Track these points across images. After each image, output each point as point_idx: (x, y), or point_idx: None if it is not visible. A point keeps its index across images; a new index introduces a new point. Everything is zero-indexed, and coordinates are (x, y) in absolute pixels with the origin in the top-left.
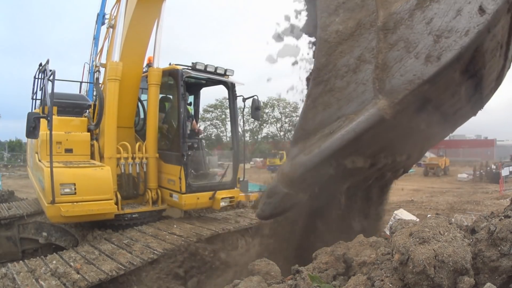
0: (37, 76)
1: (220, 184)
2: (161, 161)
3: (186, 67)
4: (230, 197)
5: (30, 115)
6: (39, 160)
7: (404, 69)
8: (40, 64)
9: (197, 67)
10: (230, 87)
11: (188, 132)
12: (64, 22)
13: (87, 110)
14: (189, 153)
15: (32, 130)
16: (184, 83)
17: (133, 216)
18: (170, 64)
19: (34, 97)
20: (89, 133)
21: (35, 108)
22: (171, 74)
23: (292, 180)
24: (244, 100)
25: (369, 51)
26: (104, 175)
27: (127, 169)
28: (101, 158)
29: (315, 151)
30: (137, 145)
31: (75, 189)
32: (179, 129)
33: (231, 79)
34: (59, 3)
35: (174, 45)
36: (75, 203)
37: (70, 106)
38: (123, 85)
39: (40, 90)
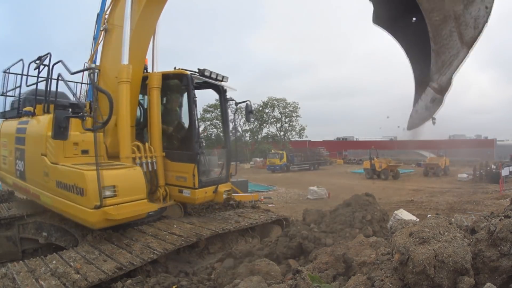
0: (25, 73)
1: (220, 179)
2: (167, 160)
3: (194, 72)
4: (228, 190)
5: (60, 114)
6: (54, 163)
7: None
8: (39, 58)
9: (205, 73)
10: (222, 91)
11: None
12: (66, 22)
13: (83, 109)
14: (202, 151)
15: (62, 130)
16: (194, 87)
17: (150, 213)
18: (175, 68)
19: (5, 94)
20: (102, 134)
21: (5, 107)
22: (180, 78)
23: None
24: (236, 104)
25: None
26: (137, 175)
27: (142, 168)
28: (109, 158)
29: None
30: (146, 145)
31: (115, 191)
32: (193, 130)
33: (224, 84)
34: (63, 3)
35: (178, 46)
36: (118, 206)
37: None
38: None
39: (44, 88)
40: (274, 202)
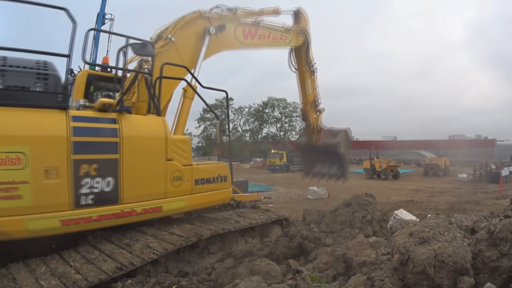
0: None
1: None
2: None
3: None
4: None
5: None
6: (188, 165)
7: None
8: (145, 44)
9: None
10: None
11: None
12: (67, 21)
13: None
14: None
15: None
16: None
17: None
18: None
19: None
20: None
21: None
22: None
23: None
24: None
25: None
26: None
27: None
28: None
29: None
30: None
31: None
32: None
33: None
34: (64, 2)
35: None
36: None
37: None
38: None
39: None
40: (274, 202)
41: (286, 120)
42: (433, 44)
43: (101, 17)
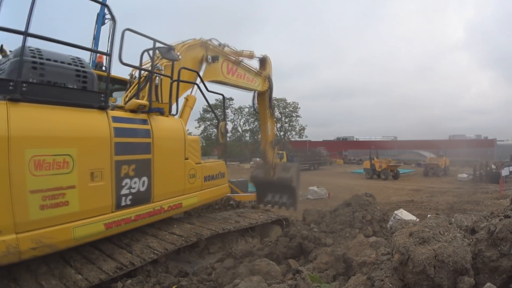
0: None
1: None
2: None
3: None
4: None
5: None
6: (199, 163)
7: None
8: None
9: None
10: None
11: None
12: (68, 21)
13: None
14: None
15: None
16: None
17: None
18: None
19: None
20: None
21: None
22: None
23: None
24: None
25: None
26: None
27: None
28: None
29: None
30: None
31: None
32: None
33: None
34: (64, 2)
35: None
36: None
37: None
38: None
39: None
40: None
41: (286, 120)
42: (433, 43)
43: (101, 17)
